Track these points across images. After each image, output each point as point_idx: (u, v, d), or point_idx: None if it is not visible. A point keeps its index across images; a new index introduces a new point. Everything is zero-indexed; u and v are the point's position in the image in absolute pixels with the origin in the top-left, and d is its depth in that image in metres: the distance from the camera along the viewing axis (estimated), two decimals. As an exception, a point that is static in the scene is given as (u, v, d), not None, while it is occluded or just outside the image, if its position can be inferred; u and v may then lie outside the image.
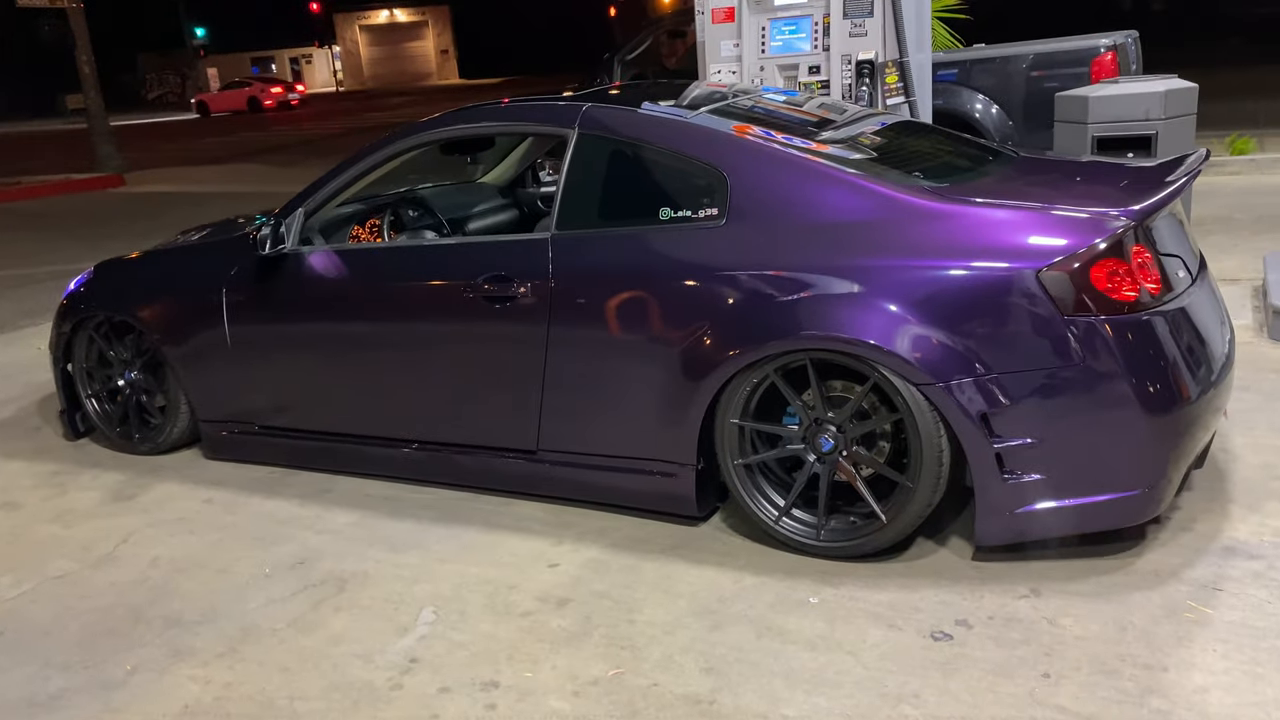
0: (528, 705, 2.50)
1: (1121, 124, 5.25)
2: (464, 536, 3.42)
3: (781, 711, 2.40)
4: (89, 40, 20.26)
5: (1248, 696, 2.31)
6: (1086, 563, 2.92)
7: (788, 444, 3.12)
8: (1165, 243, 3.05)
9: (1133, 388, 2.72)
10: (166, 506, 3.88)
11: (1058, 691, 2.39)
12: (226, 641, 2.89)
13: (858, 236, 2.98)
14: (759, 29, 5.65)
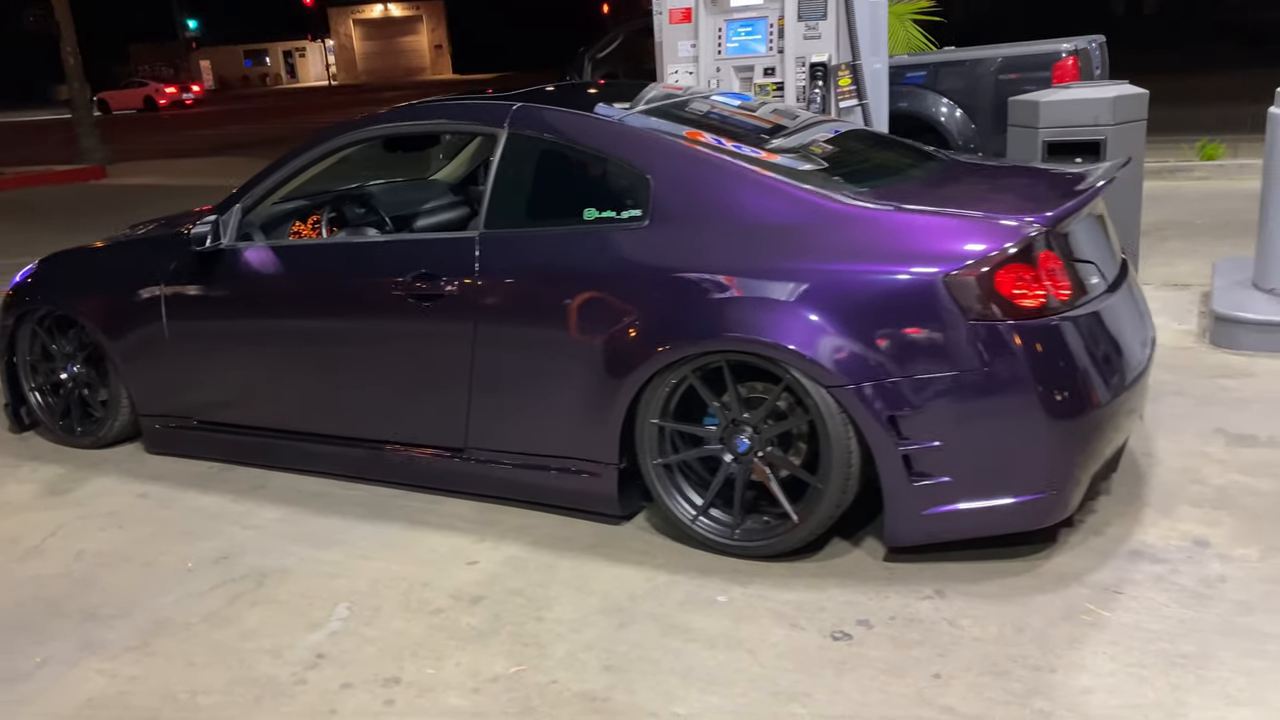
0: (426, 701, 2.52)
1: (1071, 129, 5.28)
2: (388, 533, 3.44)
3: (673, 709, 2.43)
4: (74, 31, 20.19)
5: (1129, 699, 2.34)
6: (994, 564, 2.95)
7: (706, 445, 3.14)
8: (1082, 247, 3.07)
9: (1037, 392, 2.75)
10: (100, 500, 3.89)
11: (946, 692, 2.41)
12: (139, 635, 2.91)
13: (774, 239, 3.00)
14: (715, 30, 5.67)
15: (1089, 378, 2.86)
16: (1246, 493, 3.29)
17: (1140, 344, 3.23)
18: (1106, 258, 3.26)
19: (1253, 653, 2.47)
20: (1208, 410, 3.97)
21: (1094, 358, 2.89)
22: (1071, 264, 2.94)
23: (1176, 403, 4.06)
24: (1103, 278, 3.11)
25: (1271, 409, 3.94)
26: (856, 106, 5.46)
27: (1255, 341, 4.61)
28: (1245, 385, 4.21)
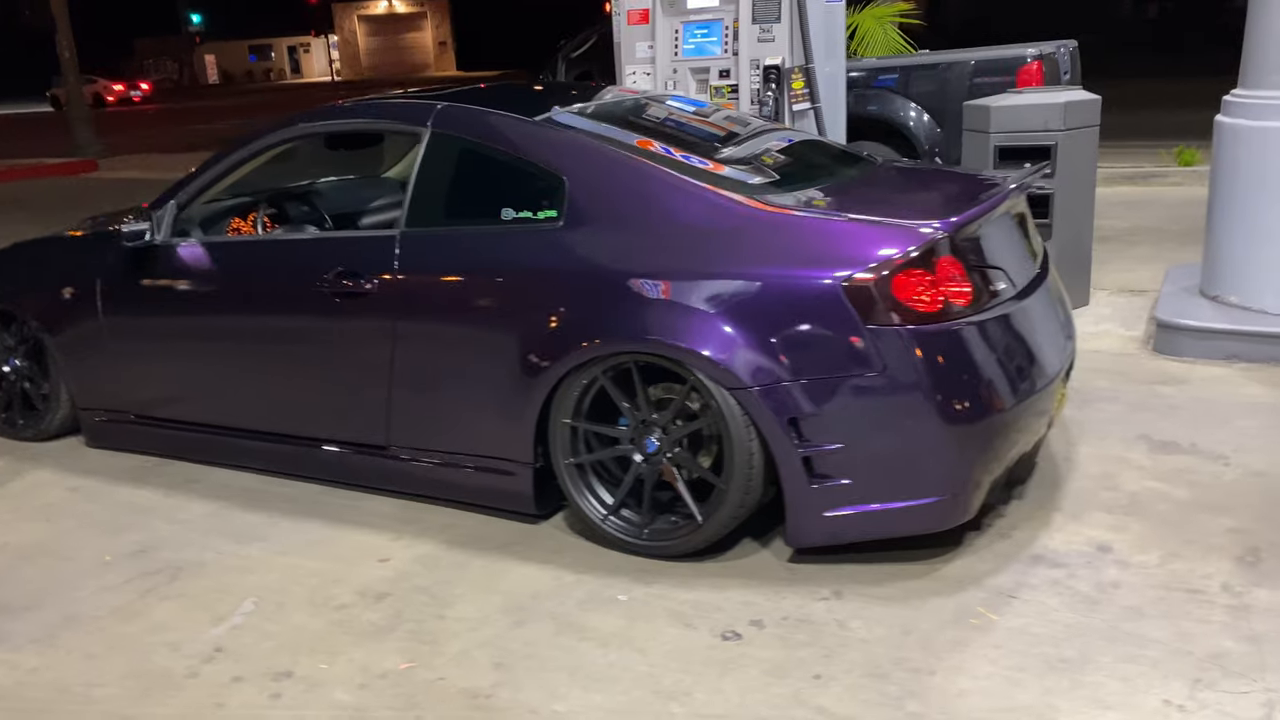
0: (312, 696, 2.55)
1: (1021, 134, 5.28)
2: (310, 530, 3.46)
3: (553, 707, 2.45)
4: (69, 25, 20.22)
5: (1001, 701, 2.36)
6: (895, 567, 2.97)
7: (617, 445, 3.16)
8: (992, 252, 3.09)
9: (934, 397, 2.77)
10: (32, 494, 3.93)
11: (823, 692, 2.43)
12: (46, 628, 2.94)
13: (684, 242, 3.02)
14: (673, 32, 5.69)
15: (989, 383, 2.87)
16: (1159, 499, 3.31)
17: (1056, 348, 3.25)
18: (1021, 262, 3.28)
19: (1132, 658, 2.49)
20: (1137, 416, 3.98)
21: (997, 363, 2.91)
22: (976, 269, 2.96)
23: (1107, 409, 4.08)
24: (1012, 283, 3.13)
25: (1199, 416, 3.95)
26: (809, 109, 5.47)
27: (1195, 348, 4.62)
28: (1179, 392, 4.22)
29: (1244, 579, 2.81)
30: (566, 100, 3.68)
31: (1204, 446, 3.67)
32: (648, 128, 3.63)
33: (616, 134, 3.36)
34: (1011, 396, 2.92)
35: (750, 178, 3.25)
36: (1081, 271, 5.52)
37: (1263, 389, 4.19)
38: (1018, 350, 3.02)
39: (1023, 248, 3.37)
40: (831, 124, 5.78)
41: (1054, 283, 3.54)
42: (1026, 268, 3.32)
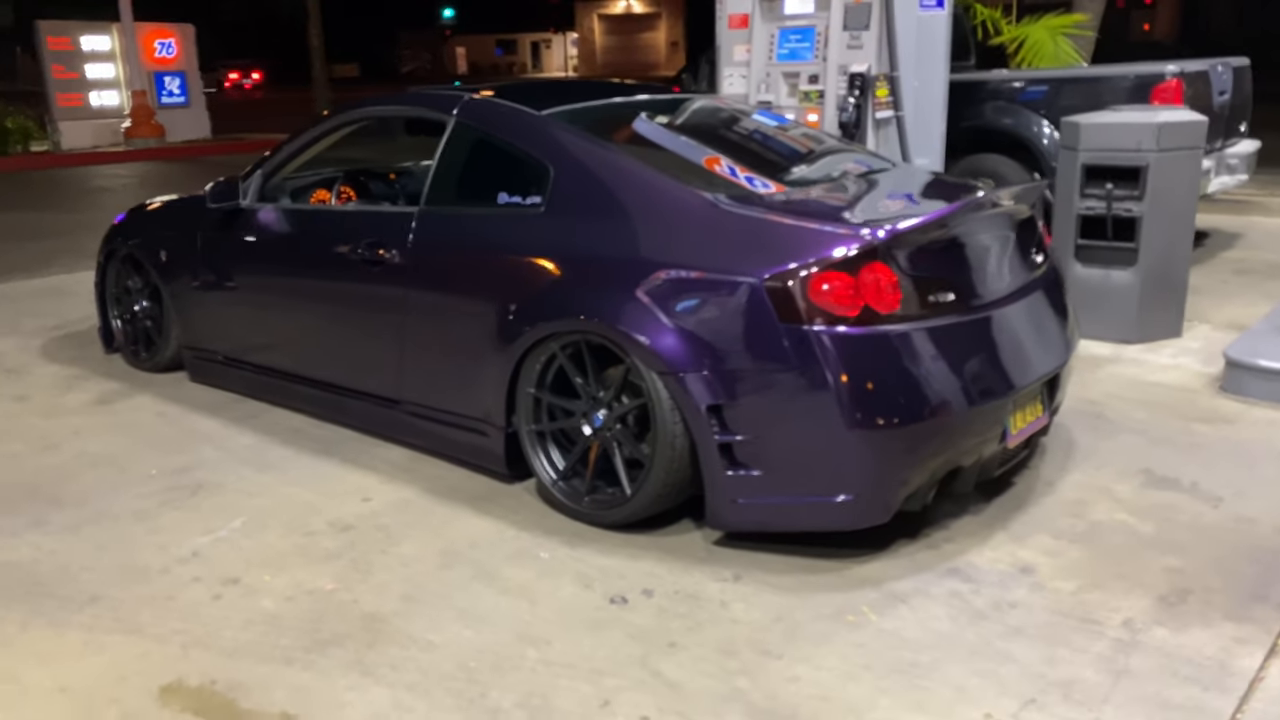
0: (245, 601, 2.93)
1: (1111, 153, 5.07)
2: (321, 467, 3.88)
3: (429, 637, 2.72)
4: (320, 15, 22.16)
5: (827, 691, 2.44)
6: (808, 561, 3.05)
7: (571, 417, 3.39)
8: (955, 262, 3.11)
9: (843, 398, 2.84)
10: (126, 413, 4.55)
11: (668, 659, 2.58)
12: (77, 520, 3.48)
13: (638, 232, 3.22)
14: (769, 37, 5.81)
15: (909, 390, 2.91)
16: (1118, 532, 3.21)
17: (1021, 364, 3.21)
18: (1000, 274, 3.26)
19: (983, 673, 2.50)
20: (1154, 450, 3.82)
21: (922, 371, 2.94)
22: (917, 277, 2.99)
23: (1128, 440, 3.93)
24: (973, 294, 3.12)
25: (1221, 458, 3.75)
26: (893, 118, 5.46)
27: (1262, 390, 4.34)
28: (1215, 431, 4.00)
29: (1151, 617, 2.72)
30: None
31: (1205, 487, 3.50)
32: (670, 129, 3.83)
33: (613, 130, 3.57)
34: (936, 406, 2.93)
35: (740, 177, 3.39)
36: (1173, 301, 5.24)
37: (1313, 438, 3.91)
38: (959, 361, 3.02)
39: (1009, 260, 3.34)
40: (925, 134, 5.74)
41: (1049, 299, 3.48)
42: (1008, 280, 3.29)
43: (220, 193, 4.39)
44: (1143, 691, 2.40)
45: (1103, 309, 5.24)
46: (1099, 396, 4.42)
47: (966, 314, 3.10)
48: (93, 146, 17.68)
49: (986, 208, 3.30)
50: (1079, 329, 3.82)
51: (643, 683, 2.49)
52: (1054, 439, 3.93)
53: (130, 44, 17.59)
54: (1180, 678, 2.45)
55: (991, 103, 7.27)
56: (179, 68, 19.19)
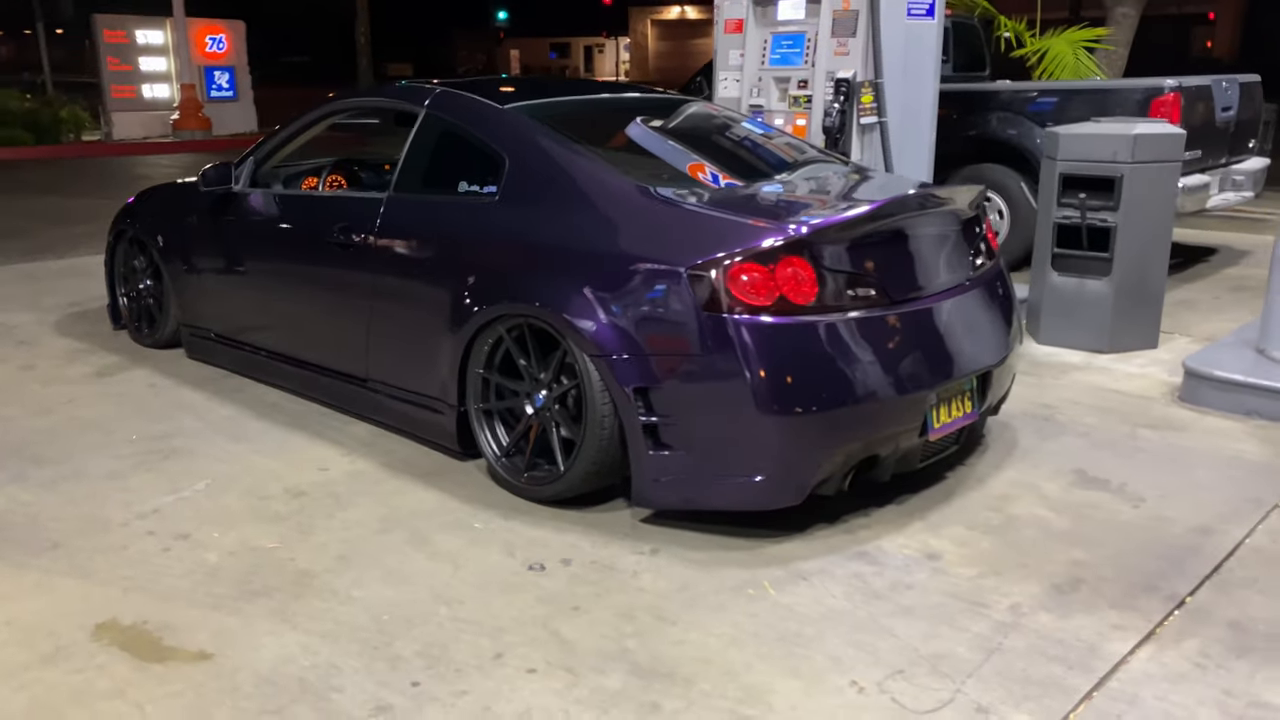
0: (190, 553, 3.13)
1: (1087, 164, 5.14)
2: (289, 439, 4.08)
3: (352, 592, 2.89)
4: (368, 14, 22.61)
5: (709, 654, 2.57)
6: (725, 539, 3.18)
7: (515, 397, 3.55)
8: (872, 260, 3.22)
9: (754, 383, 2.97)
10: (122, 384, 4.80)
11: (569, 621, 2.73)
12: (55, 478, 3.71)
13: (579, 221, 3.38)
14: (762, 42, 5.94)
15: (821, 378, 3.03)
16: (1034, 526, 3.30)
17: (948, 359, 3.32)
18: (929, 272, 3.37)
19: (861, 645, 2.62)
20: (1093, 453, 3.90)
21: (835, 360, 3.06)
22: (836, 271, 3.11)
23: (1070, 442, 4.01)
24: (894, 290, 3.23)
25: (1159, 462, 3.82)
26: (876, 124, 5.56)
27: (1216, 400, 4.39)
28: (1160, 438, 4.07)
29: (1039, 603, 2.82)
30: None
31: (1132, 488, 3.58)
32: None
33: (567, 125, 3.74)
34: (848, 395, 3.06)
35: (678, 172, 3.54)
36: (1148, 313, 5.29)
37: (1256, 446, 3.96)
38: (875, 353, 3.14)
39: (943, 259, 3.45)
40: (913, 142, 5.82)
41: (988, 298, 3.58)
42: (939, 278, 3.40)
43: (212, 177, 4.62)
44: (1009, 668, 2.51)
45: (1077, 318, 5.30)
46: (1055, 401, 4.50)
47: (888, 308, 3.22)
48: (143, 137, 18.23)
49: (917, 208, 3.42)
50: (1022, 331, 3.91)
51: (538, 640, 2.65)
52: (997, 438, 4.03)
53: (181, 39, 18.11)
54: (1048, 657, 2.56)
55: (997, 114, 7.34)
56: (228, 63, 19.71)
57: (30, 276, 7.30)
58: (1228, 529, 3.26)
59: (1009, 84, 7.66)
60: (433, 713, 2.35)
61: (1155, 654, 2.58)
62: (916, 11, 5.65)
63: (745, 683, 2.46)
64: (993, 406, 3.78)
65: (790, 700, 2.40)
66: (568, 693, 2.43)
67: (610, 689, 2.44)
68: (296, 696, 2.41)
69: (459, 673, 2.51)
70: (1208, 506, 3.43)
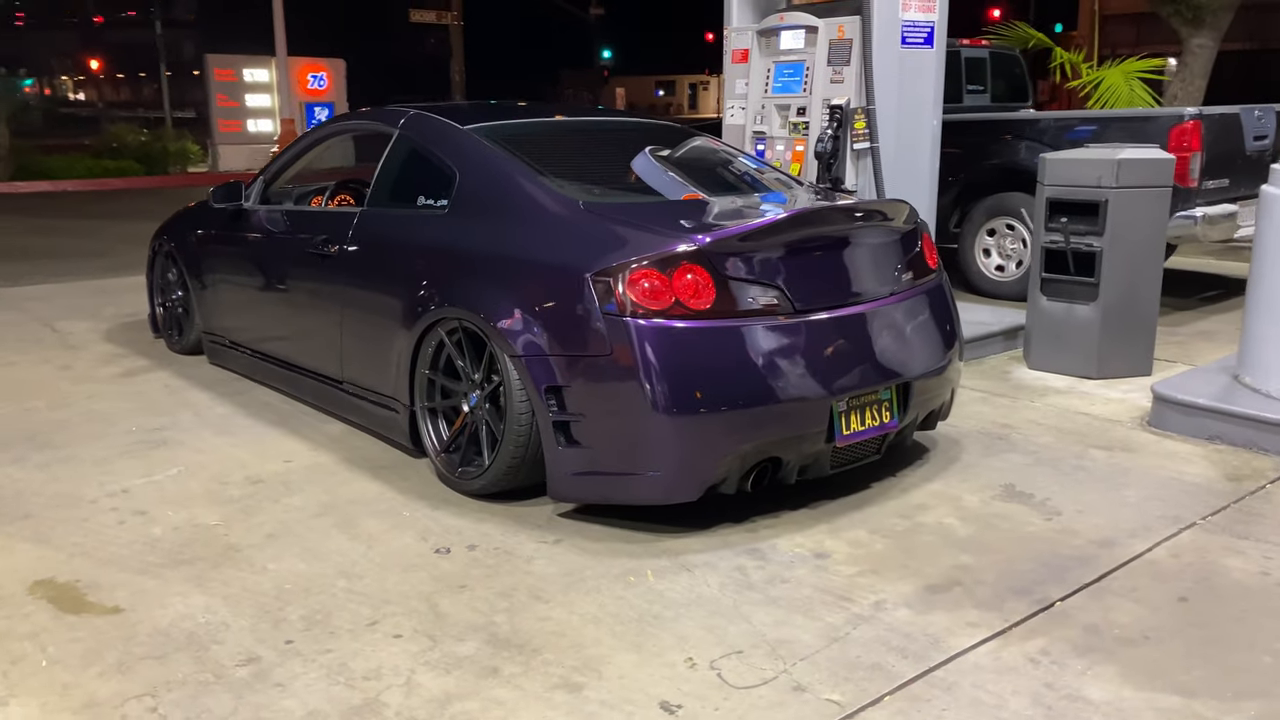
0: (140, 527, 3.43)
1: (1072, 188, 5.15)
2: (268, 435, 4.39)
3: (268, 565, 3.15)
4: (463, 54, 23.51)
5: (562, 627, 2.73)
6: (629, 533, 3.34)
7: (456, 396, 3.78)
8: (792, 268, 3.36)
9: (649, 383, 3.14)
10: (142, 385, 5.21)
11: (453, 597, 2.92)
12: (51, 459, 4.09)
13: (511, 231, 3.61)
14: (765, 71, 6.11)
15: (713, 380, 3.18)
16: (936, 532, 3.37)
17: (858, 368, 3.42)
18: (844, 282, 3.48)
19: (712, 628, 2.74)
20: (1032, 470, 3.92)
21: (729, 364, 3.21)
22: (733, 279, 3.25)
23: (1012, 458, 4.04)
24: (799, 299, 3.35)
25: (1096, 480, 3.82)
26: (869, 149, 5.65)
27: (1181, 424, 4.35)
28: (1110, 458, 4.06)
29: (904, 601, 2.90)
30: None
31: (1054, 503, 3.60)
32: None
33: (520, 143, 3.99)
34: (738, 398, 3.19)
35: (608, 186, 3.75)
36: (1139, 339, 5.24)
37: (1202, 469, 3.92)
38: (772, 359, 3.27)
39: (864, 270, 3.56)
40: (911, 169, 5.88)
41: (918, 311, 3.67)
42: (859, 289, 3.51)
43: (222, 194, 5.02)
44: (844, 654, 2.61)
45: (1065, 343, 5.29)
46: (1018, 421, 4.52)
47: (790, 316, 3.34)
48: (246, 169, 19.26)
49: (828, 223, 3.54)
50: (960, 347, 3.97)
51: (416, 611, 2.85)
52: (941, 452, 4.09)
53: (284, 77, 19.16)
54: (888, 647, 2.64)
55: (1021, 142, 7.33)
56: (328, 99, 20.73)
57: (101, 291, 7.90)
58: (1131, 543, 3.27)
59: (1032, 113, 7.65)
60: (294, 666, 2.57)
61: (996, 649, 2.64)
62: (913, 40, 5.74)
63: (587, 654, 2.62)
64: (923, 419, 3.85)
65: (621, 670, 2.54)
66: (421, 655, 2.62)
67: (461, 654, 2.62)
68: (181, 646, 2.67)
69: (332, 635, 2.73)
70: (1122, 522, 3.43)
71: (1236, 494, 3.68)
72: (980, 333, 5.76)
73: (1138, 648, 2.65)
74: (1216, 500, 3.62)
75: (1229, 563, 3.14)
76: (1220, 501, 3.61)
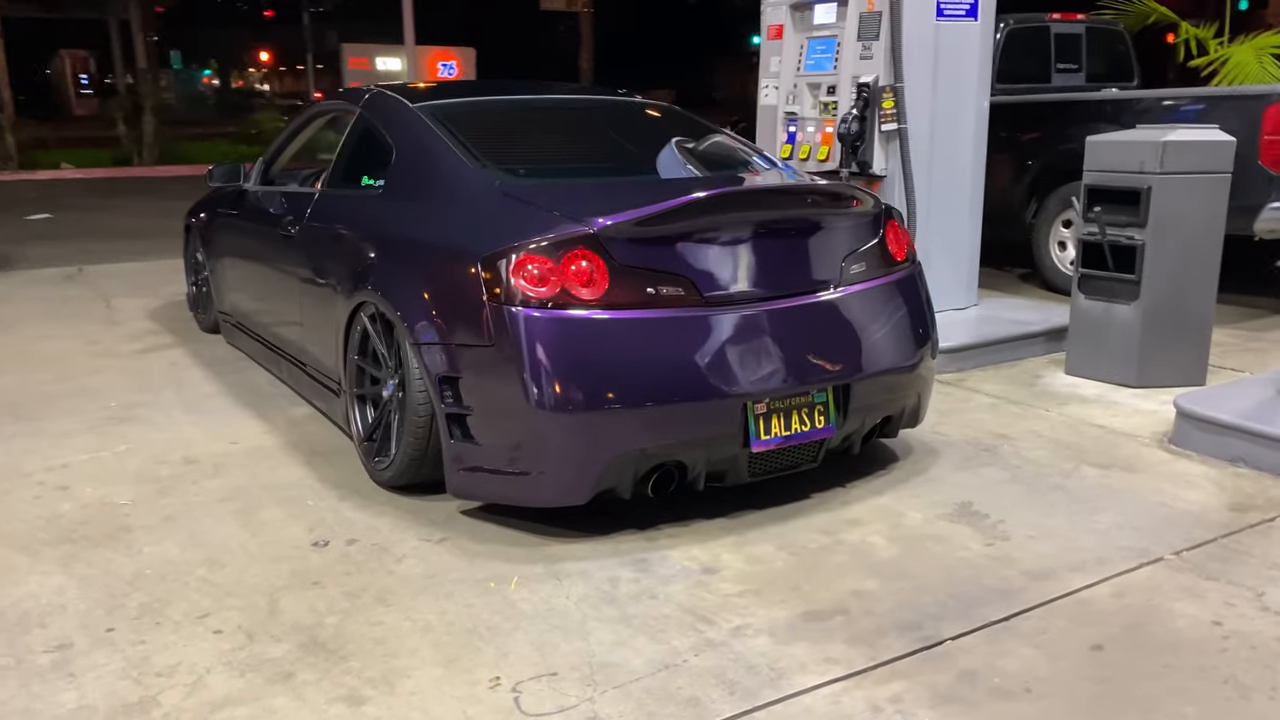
0: (53, 503, 3.44)
1: (1111, 174, 4.61)
2: (232, 416, 4.38)
3: (145, 548, 3.09)
4: (593, 42, 23.57)
5: (388, 635, 2.57)
6: (516, 534, 3.14)
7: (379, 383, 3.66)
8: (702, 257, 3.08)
9: (531, 376, 2.92)
10: (151, 362, 5.30)
11: (296, 594, 2.80)
12: (19, 432, 4.17)
13: (430, 212, 3.46)
14: (799, 48, 5.75)
15: (599, 375, 2.94)
16: (853, 552, 3.04)
17: (777, 368, 3.12)
18: (766, 273, 3.18)
19: (542, 645, 2.52)
20: (1000, 487, 3.52)
21: (618, 359, 2.96)
22: (631, 268, 3.00)
23: (986, 473, 3.64)
24: (708, 290, 3.07)
25: (1069, 503, 3.39)
26: (897, 130, 5.23)
27: (1202, 443, 3.83)
28: (1102, 478, 3.60)
29: (770, 628, 2.60)
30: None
31: (1006, 526, 3.20)
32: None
33: (466, 122, 3.82)
34: (627, 395, 2.94)
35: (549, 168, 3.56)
36: (1189, 344, 4.67)
37: (1204, 496, 3.43)
38: (670, 354, 3.00)
39: (796, 260, 3.25)
40: (949, 154, 5.42)
41: (865, 307, 3.33)
42: (786, 280, 3.21)
43: (220, 174, 5.06)
44: (667, 685, 2.34)
45: (1102, 346, 4.77)
46: (1017, 432, 4.08)
47: (698, 308, 3.06)
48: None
49: (755, 206, 3.24)
50: (929, 347, 3.58)
51: (253, 607, 2.73)
52: (910, 462, 3.73)
53: (411, 65, 19.61)
54: (719, 680, 2.36)
55: (1100, 125, 6.69)
56: (457, 87, 21.10)
57: (176, 269, 8.17)
58: (1071, 577, 2.86)
59: (1115, 92, 6.97)
60: (99, 656, 2.49)
61: (840, 692, 2.32)
62: (952, 12, 5.29)
63: (394, 666, 2.44)
64: (880, 427, 3.49)
65: (418, 686, 2.35)
66: (228, 654, 2.50)
67: (268, 656, 2.49)
68: (5, 628, 2.63)
69: (157, 625, 2.64)
70: (1074, 552, 3.01)
71: (1231, 527, 3.18)
72: (1017, 333, 5.27)
73: (1009, 701, 2.28)
74: (1203, 533, 3.14)
75: (1178, 607, 2.69)
76: (1207, 534, 3.13)
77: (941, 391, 4.62)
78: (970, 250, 5.64)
